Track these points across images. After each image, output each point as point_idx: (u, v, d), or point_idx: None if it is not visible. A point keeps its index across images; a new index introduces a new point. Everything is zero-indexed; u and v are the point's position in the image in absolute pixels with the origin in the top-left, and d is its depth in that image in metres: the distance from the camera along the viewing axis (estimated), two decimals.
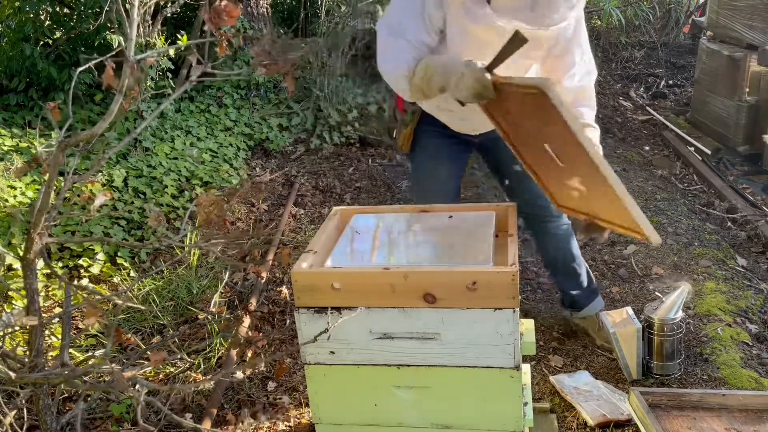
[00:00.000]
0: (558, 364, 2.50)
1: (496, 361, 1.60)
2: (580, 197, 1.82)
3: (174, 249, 3.29)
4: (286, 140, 5.07)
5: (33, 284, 1.64)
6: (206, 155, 4.49)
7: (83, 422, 2.23)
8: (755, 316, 2.76)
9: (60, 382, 1.62)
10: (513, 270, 1.53)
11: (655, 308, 2.37)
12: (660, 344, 2.35)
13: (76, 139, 1.55)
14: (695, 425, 1.89)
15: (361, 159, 4.89)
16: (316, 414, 1.75)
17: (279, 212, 4.00)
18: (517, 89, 1.69)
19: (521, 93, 1.68)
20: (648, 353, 2.39)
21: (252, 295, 3.02)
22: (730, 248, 3.30)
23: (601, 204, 1.74)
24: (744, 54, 4.19)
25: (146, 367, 1.90)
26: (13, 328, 1.74)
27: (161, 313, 2.89)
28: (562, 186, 1.88)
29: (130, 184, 3.90)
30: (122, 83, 1.41)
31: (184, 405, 2.37)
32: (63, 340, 1.78)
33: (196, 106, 5.10)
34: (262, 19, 5.71)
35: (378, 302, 1.60)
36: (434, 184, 2.40)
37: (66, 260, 3.25)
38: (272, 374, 2.53)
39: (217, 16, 1.34)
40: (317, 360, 1.69)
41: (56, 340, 2.65)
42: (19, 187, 3.50)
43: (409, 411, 1.70)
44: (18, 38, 4.48)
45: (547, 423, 2.17)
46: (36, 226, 1.56)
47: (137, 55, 1.44)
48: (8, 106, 4.56)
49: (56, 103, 1.48)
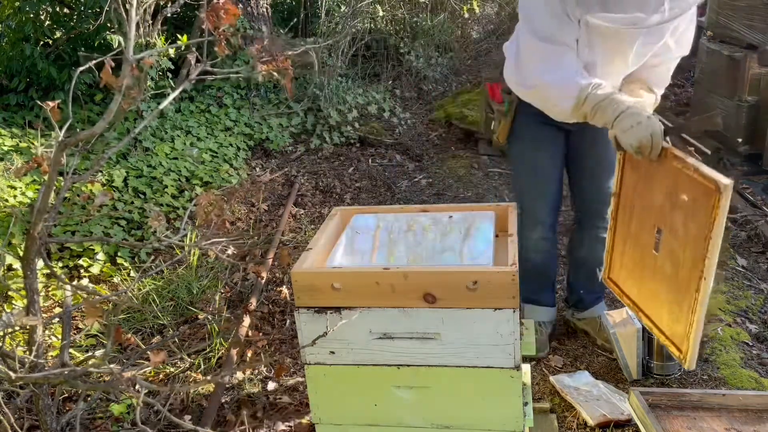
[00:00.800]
0: (558, 364, 2.50)
1: (496, 361, 1.59)
2: (641, 287, 1.80)
3: (174, 249, 3.29)
4: (286, 140, 5.07)
5: (33, 284, 1.64)
6: (206, 155, 4.49)
7: (83, 422, 2.23)
8: (755, 316, 2.76)
9: (60, 382, 1.62)
10: (513, 270, 1.53)
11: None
12: (660, 344, 2.34)
13: (76, 139, 1.55)
14: (695, 425, 1.89)
15: (361, 159, 4.88)
16: (316, 414, 1.75)
17: (279, 212, 4.00)
18: (686, 170, 1.59)
19: (685, 174, 1.59)
20: (648, 353, 2.39)
21: (252, 295, 3.02)
22: (730, 248, 3.30)
23: (660, 305, 1.71)
24: (744, 54, 4.19)
25: (146, 368, 1.90)
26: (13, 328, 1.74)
27: (161, 313, 2.88)
28: (631, 267, 1.85)
29: (130, 184, 3.90)
30: (121, 83, 1.41)
31: (183, 405, 2.37)
32: (63, 340, 1.78)
33: (196, 106, 5.10)
34: (262, 19, 5.71)
35: (378, 302, 1.60)
36: (537, 173, 2.39)
37: (66, 260, 3.25)
38: (272, 374, 2.52)
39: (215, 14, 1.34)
40: (317, 360, 1.69)
41: (56, 340, 2.65)
42: (19, 187, 3.50)
43: (409, 411, 1.70)
44: (18, 38, 4.48)
45: (547, 423, 2.16)
46: (36, 226, 1.56)
47: (136, 55, 1.44)
48: (8, 106, 4.56)
49: (56, 103, 1.48)
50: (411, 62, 6.16)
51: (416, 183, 4.47)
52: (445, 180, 4.44)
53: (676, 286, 1.64)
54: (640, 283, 1.84)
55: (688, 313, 1.59)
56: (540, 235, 2.44)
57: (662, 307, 1.73)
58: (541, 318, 2.58)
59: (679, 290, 1.63)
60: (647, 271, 1.79)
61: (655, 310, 1.77)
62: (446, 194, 4.25)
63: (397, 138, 5.19)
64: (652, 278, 1.77)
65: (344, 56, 5.73)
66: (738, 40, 4.30)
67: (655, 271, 1.75)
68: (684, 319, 1.61)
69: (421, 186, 4.42)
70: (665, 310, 1.71)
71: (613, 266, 1.98)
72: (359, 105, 5.51)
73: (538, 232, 2.43)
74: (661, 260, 1.70)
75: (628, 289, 1.90)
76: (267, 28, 5.71)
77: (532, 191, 2.42)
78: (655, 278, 1.75)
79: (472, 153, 4.84)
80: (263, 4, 5.73)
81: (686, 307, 1.60)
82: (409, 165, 4.78)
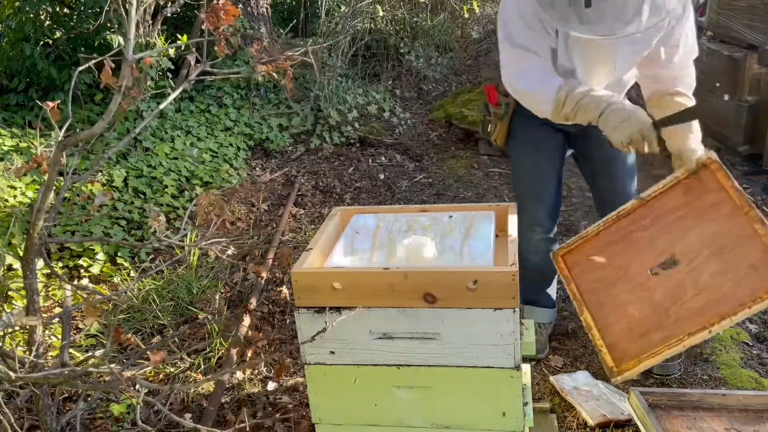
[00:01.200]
0: (558, 364, 2.50)
1: (496, 361, 1.59)
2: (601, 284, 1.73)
3: (174, 249, 3.29)
4: (286, 140, 5.07)
5: (33, 284, 1.64)
6: (206, 155, 4.49)
7: (83, 422, 2.23)
8: (755, 316, 2.76)
9: (60, 382, 1.62)
10: (513, 270, 1.53)
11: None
12: None
13: (76, 139, 1.55)
14: (695, 425, 1.89)
15: (361, 159, 4.88)
16: (316, 414, 1.75)
17: (279, 212, 4.00)
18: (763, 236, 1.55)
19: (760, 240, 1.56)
20: None
21: (252, 295, 3.02)
22: None
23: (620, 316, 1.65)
24: (744, 54, 4.18)
25: (146, 367, 1.90)
26: (13, 328, 1.74)
27: (161, 313, 2.88)
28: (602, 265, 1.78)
29: (130, 184, 3.90)
30: (121, 83, 1.41)
31: (183, 405, 2.37)
32: (63, 340, 1.78)
33: (196, 106, 5.10)
34: (262, 19, 5.71)
35: (378, 302, 1.60)
36: (534, 175, 2.38)
37: (66, 260, 3.25)
38: (272, 374, 2.52)
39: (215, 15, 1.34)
40: (317, 360, 1.69)
41: (56, 340, 2.65)
42: (19, 187, 3.50)
43: (409, 411, 1.70)
44: (18, 38, 4.48)
45: (547, 423, 2.16)
46: (36, 226, 1.56)
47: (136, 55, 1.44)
48: (8, 106, 4.56)
49: (56, 103, 1.48)
50: (411, 62, 6.17)
51: (416, 183, 4.47)
52: (445, 180, 4.44)
53: (660, 316, 1.60)
54: (605, 283, 1.76)
55: (659, 344, 1.55)
56: (538, 237, 2.43)
57: (621, 318, 1.67)
58: (540, 319, 2.58)
59: (661, 322, 1.59)
60: (625, 282, 1.72)
61: (608, 316, 1.70)
62: (446, 194, 4.25)
63: (397, 138, 5.19)
64: (628, 290, 1.71)
65: (344, 56, 5.73)
66: (738, 40, 4.30)
67: (638, 287, 1.69)
68: (648, 346, 1.56)
69: (421, 186, 4.43)
70: (624, 323, 1.66)
71: (578, 246, 1.89)
72: (359, 105, 5.50)
73: (537, 233, 2.43)
74: (655, 285, 1.66)
75: (581, 275, 1.82)
76: (267, 28, 5.71)
77: (529, 193, 2.41)
78: (632, 292, 1.69)
79: (472, 153, 4.84)
80: (263, 4, 5.73)
81: (659, 339, 1.55)
82: (409, 165, 4.78)
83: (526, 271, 2.53)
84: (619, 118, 1.81)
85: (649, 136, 1.77)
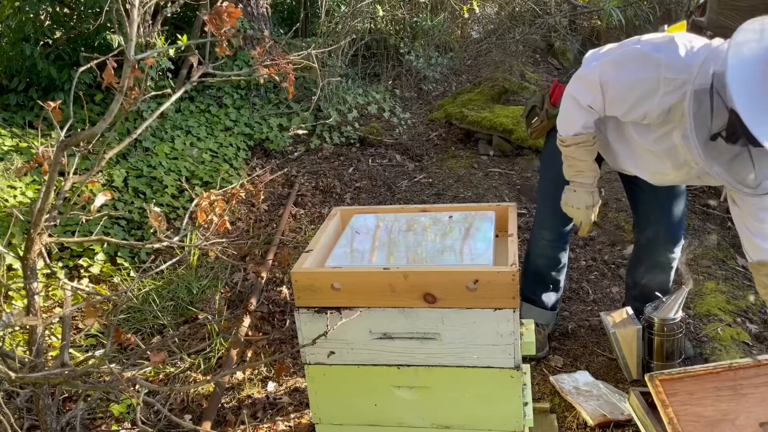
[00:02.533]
0: (558, 364, 2.50)
1: (496, 361, 1.60)
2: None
3: (174, 249, 3.29)
4: (286, 140, 5.07)
5: (33, 284, 1.64)
6: (206, 155, 4.49)
7: (83, 422, 2.23)
8: (755, 316, 2.76)
9: (60, 382, 1.62)
10: (513, 270, 1.53)
11: (655, 308, 2.37)
12: (660, 344, 2.34)
13: (77, 139, 1.55)
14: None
15: (361, 159, 4.88)
16: (316, 414, 1.75)
17: (279, 212, 4.00)
18: None
19: None
20: (648, 353, 2.39)
21: (252, 295, 3.02)
22: (730, 248, 3.30)
23: None
24: None
25: (146, 368, 1.90)
26: (13, 328, 1.74)
27: (161, 313, 2.89)
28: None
29: (130, 184, 3.90)
30: (123, 83, 1.41)
31: (183, 405, 2.37)
32: (63, 340, 1.78)
33: (196, 106, 5.10)
34: (262, 19, 5.71)
35: (378, 302, 1.60)
36: (556, 182, 2.30)
37: (66, 260, 3.25)
38: (272, 374, 2.53)
39: (217, 16, 1.34)
40: (317, 360, 1.69)
41: (56, 340, 2.65)
42: (19, 187, 3.50)
43: (409, 411, 1.70)
44: (18, 38, 4.48)
45: (547, 423, 2.17)
46: (36, 226, 1.56)
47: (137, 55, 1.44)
48: (8, 106, 4.56)
49: (57, 103, 1.48)
50: (411, 62, 6.17)
51: (416, 183, 4.47)
52: (445, 180, 4.44)
53: None
54: (707, 422, 1.77)
55: None
56: (546, 241, 2.46)
57: None
58: (538, 319, 2.57)
59: None
60: (730, 427, 1.74)
61: None
62: (446, 194, 4.25)
63: (397, 138, 5.19)
64: None
65: (344, 56, 5.73)
66: None
67: None
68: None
69: (421, 186, 4.43)
70: None
71: (680, 377, 1.88)
72: (359, 105, 5.50)
73: (545, 236, 2.46)
74: None
75: (681, 406, 1.82)
76: (267, 28, 5.71)
77: (547, 197, 2.42)
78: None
79: (472, 153, 4.84)
80: (263, 4, 5.73)
81: None
82: (409, 165, 4.78)
83: (528, 269, 2.54)
84: (573, 203, 2.15)
85: (585, 229, 2.16)
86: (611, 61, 1.95)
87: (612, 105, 1.95)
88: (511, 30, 6.81)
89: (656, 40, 1.88)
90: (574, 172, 2.14)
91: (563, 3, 6.82)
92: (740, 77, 1.54)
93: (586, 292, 2.98)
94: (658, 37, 1.90)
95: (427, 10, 6.54)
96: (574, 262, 3.25)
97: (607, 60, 1.96)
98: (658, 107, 1.83)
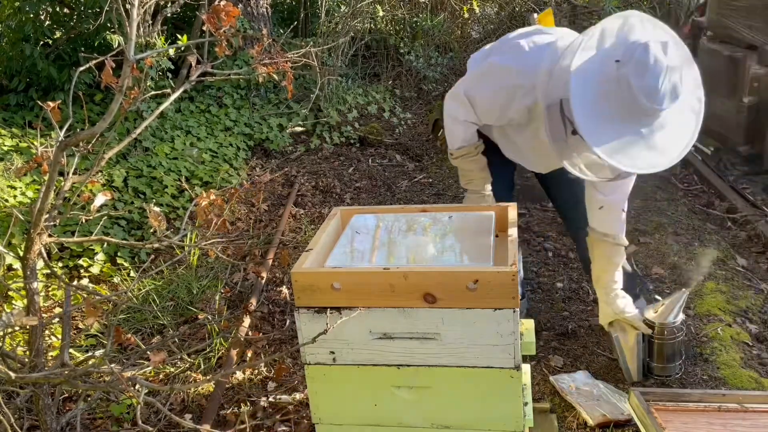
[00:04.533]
0: (558, 364, 2.50)
1: (496, 361, 1.59)
2: None
3: (174, 249, 3.29)
4: (286, 140, 5.07)
5: (33, 284, 1.64)
6: (206, 155, 4.49)
7: (83, 422, 2.23)
8: (755, 316, 2.76)
9: (60, 382, 1.62)
10: (513, 270, 1.53)
11: (654, 310, 2.37)
12: (660, 347, 2.34)
13: (76, 139, 1.55)
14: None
15: (361, 159, 4.89)
16: (316, 414, 1.75)
17: (279, 212, 4.00)
18: None
19: None
20: (648, 355, 2.38)
21: (252, 295, 3.02)
22: (730, 248, 3.30)
23: None
24: (744, 54, 4.19)
25: (146, 368, 1.90)
26: (13, 328, 1.74)
27: (161, 313, 2.89)
28: None
29: (130, 184, 3.90)
30: (122, 83, 1.41)
31: (184, 405, 2.37)
32: (63, 340, 1.78)
33: (196, 106, 5.10)
34: (262, 19, 5.71)
35: (378, 302, 1.60)
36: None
37: (66, 260, 3.25)
38: (272, 374, 2.52)
39: (216, 16, 1.34)
40: (317, 360, 1.69)
41: (56, 340, 2.65)
42: (19, 187, 3.51)
43: (409, 411, 1.70)
44: (18, 38, 4.48)
45: (547, 423, 2.16)
46: (36, 226, 1.56)
47: (137, 55, 1.44)
48: (8, 106, 4.56)
49: (56, 103, 1.48)
50: (411, 62, 6.16)
51: (416, 183, 4.47)
52: (445, 180, 4.44)
53: None
54: None
55: None
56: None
57: None
58: None
59: None
60: None
61: None
62: (446, 194, 4.25)
63: (397, 138, 5.19)
64: None
65: (344, 56, 5.73)
66: (738, 40, 4.30)
67: None
68: None
69: (421, 186, 4.43)
70: None
71: (674, 410, 1.98)
72: (359, 105, 5.50)
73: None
74: None
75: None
76: (267, 28, 5.71)
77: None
78: None
79: None
80: (263, 4, 5.73)
81: None
82: (409, 165, 4.78)
83: None
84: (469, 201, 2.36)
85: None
86: (471, 78, 2.32)
87: (483, 115, 2.26)
88: (511, 29, 6.80)
89: (507, 50, 2.22)
90: (466, 181, 2.41)
91: (563, 3, 6.82)
92: (581, 103, 1.79)
93: (586, 292, 2.98)
94: (524, 32, 2.23)
95: (427, 10, 6.53)
96: (573, 262, 3.25)
97: (468, 77, 2.34)
98: (519, 110, 2.14)
